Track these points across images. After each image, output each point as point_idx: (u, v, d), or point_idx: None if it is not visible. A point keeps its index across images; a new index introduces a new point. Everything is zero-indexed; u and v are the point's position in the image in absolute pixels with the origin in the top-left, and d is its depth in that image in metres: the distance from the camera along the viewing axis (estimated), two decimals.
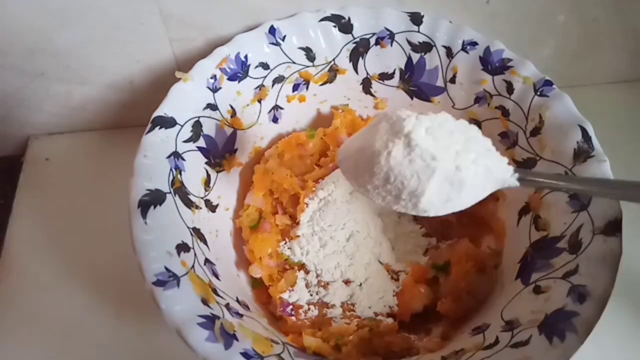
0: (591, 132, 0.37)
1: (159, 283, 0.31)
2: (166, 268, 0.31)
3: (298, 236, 0.41)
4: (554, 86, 0.40)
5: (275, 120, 0.47)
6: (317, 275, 0.40)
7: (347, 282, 0.40)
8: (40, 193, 0.49)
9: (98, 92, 0.49)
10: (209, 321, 0.30)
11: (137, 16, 0.42)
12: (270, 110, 0.46)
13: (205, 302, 0.32)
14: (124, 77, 0.48)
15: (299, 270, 0.40)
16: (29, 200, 0.49)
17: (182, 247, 0.34)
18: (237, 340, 0.30)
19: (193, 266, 0.34)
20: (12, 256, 0.45)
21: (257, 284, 0.41)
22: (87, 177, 0.50)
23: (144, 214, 0.33)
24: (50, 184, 0.50)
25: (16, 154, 0.53)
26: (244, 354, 0.30)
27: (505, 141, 0.43)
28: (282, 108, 0.47)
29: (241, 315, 0.34)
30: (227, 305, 0.33)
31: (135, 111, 0.50)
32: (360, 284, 0.40)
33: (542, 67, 0.41)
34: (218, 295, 0.34)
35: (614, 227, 0.33)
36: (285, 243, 0.41)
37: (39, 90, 0.48)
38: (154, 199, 0.34)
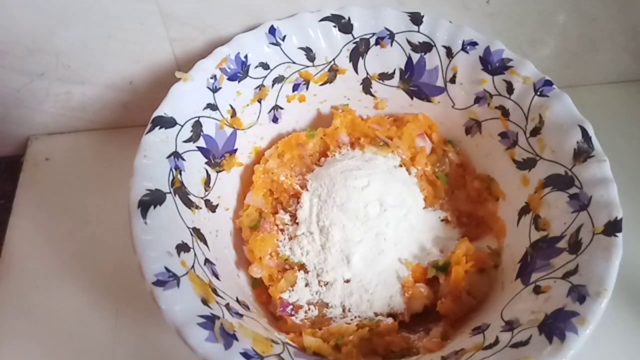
0: (591, 132, 0.37)
1: (159, 283, 0.31)
2: (166, 268, 0.31)
3: (298, 236, 0.41)
4: (554, 86, 0.40)
5: (275, 120, 0.47)
6: (317, 275, 0.40)
7: (347, 281, 0.40)
8: (41, 193, 0.49)
9: (98, 92, 0.49)
10: (209, 321, 0.30)
11: (137, 16, 0.42)
12: (271, 110, 0.46)
13: (205, 302, 0.31)
14: (123, 77, 0.48)
15: (299, 270, 0.40)
16: (29, 200, 0.49)
17: (182, 247, 0.34)
18: (237, 340, 0.30)
19: (193, 266, 0.33)
20: (12, 256, 0.45)
21: (257, 284, 0.41)
22: (87, 177, 0.50)
23: (143, 214, 0.33)
24: (50, 184, 0.50)
25: (16, 154, 0.53)
26: (244, 354, 0.29)
27: (505, 141, 0.43)
28: (282, 108, 0.47)
29: (241, 315, 0.34)
30: (227, 305, 0.33)
31: (135, 111, 0.51)
32: (361, 284, 0.40)
33: (542, 67, 0.41)
34: (218, 295, 0.33)
35: (613, 227, 0.33)
36: (286, 243, 0.41)
37: (39, 90, 0.48)
38: (154, 199, 0.34)
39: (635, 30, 0.53)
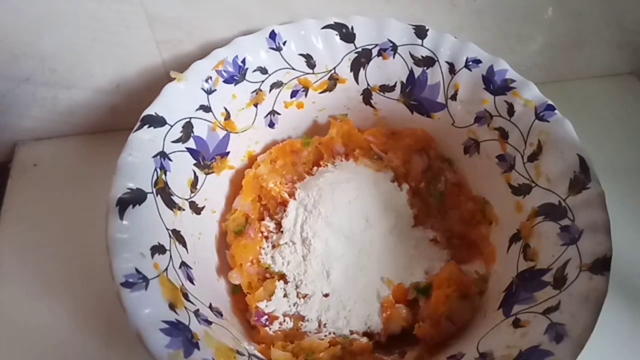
0: (589, 162, 0.36)
1: (127, 284, 0.30)
2: (136, 269, 0.31)
3: (281, 245, 0.40)
4: (555, 111, 0.39)
5: (271, 125, 0.47)
6: (296, 287, 0.39)
7: (325, 295, 0.39)
8: (29, 199, 0.48)
9: (85, 96, 0.49)
10: (173, 327, 0.30)
11: (123, 19, 0.42)
12: (267, 115, 0.46)
13: (172, 307, 0.31)
14: (110, 80, 0.47)
15: (279, 280, 0.40)
16: (17, 207, 0.48)
17: (158, 249, 0.33)
18: (198, 349, 0.30)
19: (166, 269, 0.33)
20: (0, 264, 0.44)
21: (236, 291, 0.41)
22: (76, 182, 0.49)
23: (121, 213, 0.33)
24: (38, 190, 0.49)
25: (3, 161, 0.52)
26: None
27: (503, 164, 0.41)
28: (279, 114, 0.46)
29: (210, 323, 0.33)
30: (197, 312, 0.33)
31: (123, 115, 0.49)
32: (339, 299, 0.39)
33: (530, 63, 0.41)
34: (189, 300, 0.33)
35: (601, 265, 0.31)
36: (268, 251, 0.41)
37: (25, 96, 0.47)
38: (134, 198, 0.34)
39: (621, 24, 0.53)
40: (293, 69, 0.44)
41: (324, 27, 0.44)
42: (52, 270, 0.44)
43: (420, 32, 0.43)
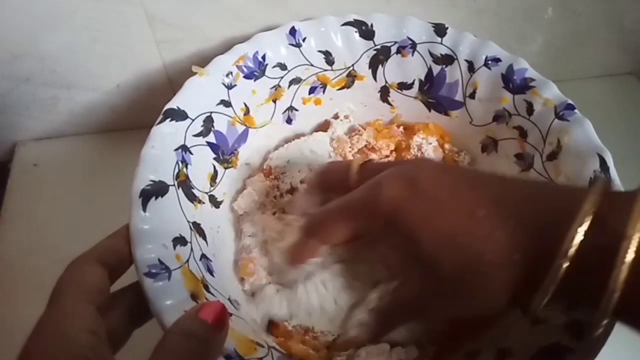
0: (610, 162, 0.36)
1: (150, 275, 0.31)
2: (159, 260, 0.31)
3: None
4: (575, 110, 0.39)
5: (289, 121, 0.47)
6: None
7: None
8: (29, 199, 0.48)
9: (85, 96, 0.49)
10: None
11: (123, 19, 0.42)
12: (285, 111, 0.46)
13: (194, 297, 0.31)
14: (110, 80, 0.48)
15: None
16: (17, 207, 0.48)
17: (179, 241, 0.34)
18: None
19: (188, 260, 0.33)
20: (1, 264, 0.44)
21: None
22: (76, 182, 0.49)
23: (144, 205, 0.33)
24: (39, 190, 0.49)
25: (3, 161, 0.52)
26: (225, 355, 0.29)
27: (521, 163, 0.41)
28: (297, 110, 0.47)
29: (230, 315, 0.33)
30: None
31: (123, 115, 0.50)
32: None
33: (529, 63, 0.41)
34: (209, 292, 0.33)
35: None
36: None
37: (25, 96, 0.47)
38: (157, 190, 0.34)
39: (620, 24, 0.53)
40: (312, 65, 0.45)
41: (343, 24, 0.44)
42: (52, 270, 0.43)
43: (440, 30, 0.44)
